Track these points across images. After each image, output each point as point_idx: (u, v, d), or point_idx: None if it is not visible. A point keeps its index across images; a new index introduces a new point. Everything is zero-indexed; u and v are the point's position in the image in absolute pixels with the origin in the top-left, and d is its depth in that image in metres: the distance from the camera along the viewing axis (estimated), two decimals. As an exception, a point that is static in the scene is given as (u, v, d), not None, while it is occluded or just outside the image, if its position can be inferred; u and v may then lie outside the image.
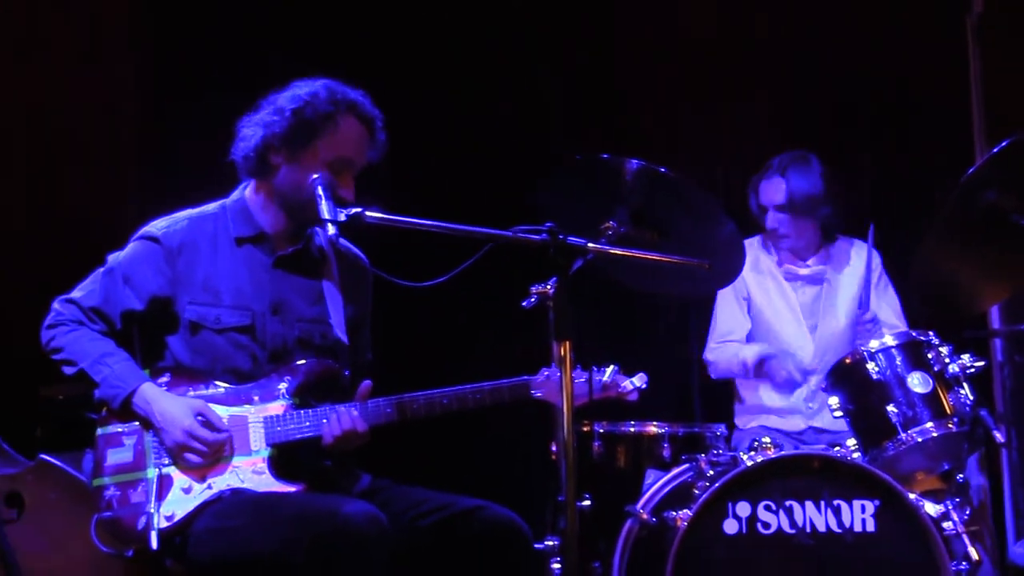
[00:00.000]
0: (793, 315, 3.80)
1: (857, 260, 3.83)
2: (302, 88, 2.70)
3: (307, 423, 2.65)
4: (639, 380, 2.81)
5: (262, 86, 2.81)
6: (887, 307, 3.80)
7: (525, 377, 2.71)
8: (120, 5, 4.24)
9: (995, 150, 2.97)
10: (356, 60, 4.27)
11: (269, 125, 2.69)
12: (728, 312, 3.87)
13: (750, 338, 3.87)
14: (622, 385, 2.79)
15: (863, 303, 3.77)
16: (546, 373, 2.70)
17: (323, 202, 2.56)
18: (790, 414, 3.75)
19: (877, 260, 3.85)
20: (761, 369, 3.72)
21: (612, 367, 2.78)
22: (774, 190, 3.75)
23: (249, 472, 2.62)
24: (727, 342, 3.87)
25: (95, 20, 4.23)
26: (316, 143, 2.67)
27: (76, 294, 2.76)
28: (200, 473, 2.62)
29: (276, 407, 2.67)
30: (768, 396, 3.78)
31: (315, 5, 4.37)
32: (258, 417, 2.65)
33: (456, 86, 4.45)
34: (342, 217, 2.47)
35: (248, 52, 4.20)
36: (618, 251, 2.67)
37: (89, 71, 4.20)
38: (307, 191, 2.64)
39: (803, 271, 3.82)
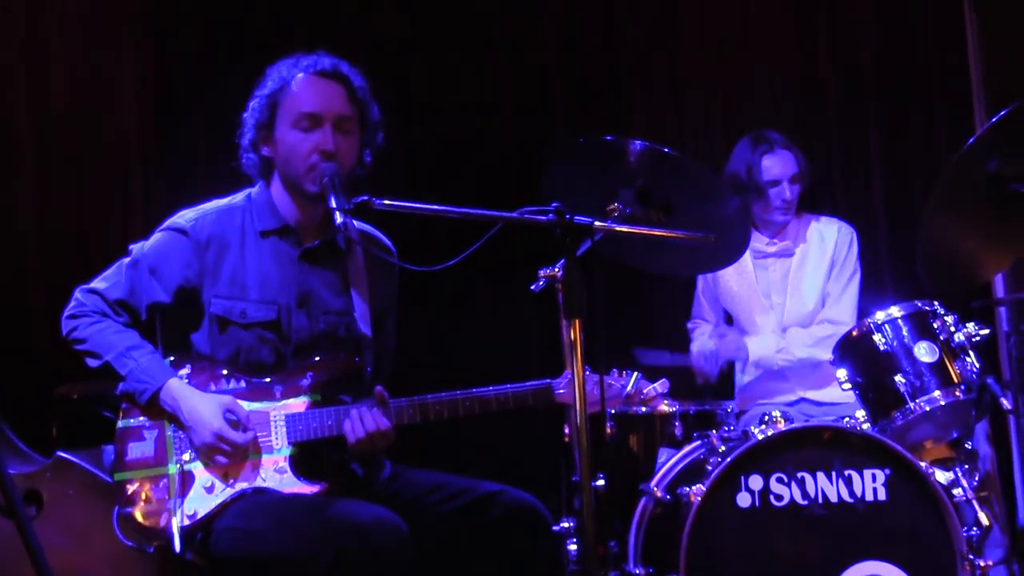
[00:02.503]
0: (757, 298, 3.83)
1: (827, 234, 3.84)
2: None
3: (329, 421, 2.65)
4: (661, 386, 2.80)
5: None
6: (838, 301, 3.79)
7: (548, 380, 2.71)
8: (122, 13, 4.25)
9: (995, 119, 2.99)
10: (357, 48, 4.28)
11: (247, 121, 2.74)
12: (703, 291, 3.97)
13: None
14: (645, 392, 2.78)
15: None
16: (568, 377, 2.69)
17: (331, 193, 2.58)
18: (778, 391, 3.78)
19: (849, 236, 3.84)
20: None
21: (636, 375, 2.77)
22: (785, 162, 3.78)
23: (271, 471, 2.63)
24: (701, 321, 3.97)
25: (98, 27, 4.22)
26: (278, 114, 2.70)
27: (99, 285, 2.75)
28: (223, 471, 2.64)
29: (298, 404, 2.67)
30: (754, 375, 3.83)
31: (321, 6, 4.37)
32: (280, 414, 2.66)
33: (459, 74, 4.46)
34: (348, 205, 2.49)
35: (250, 54, 4.20)
36: (624, 228, 2.68)
37: (92, 78, 4.21)
38: (296, 164, 2.67)
39: (771, 248, 3.85)
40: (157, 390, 2.64)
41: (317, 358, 2.71)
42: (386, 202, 2.45)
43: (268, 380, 2.70)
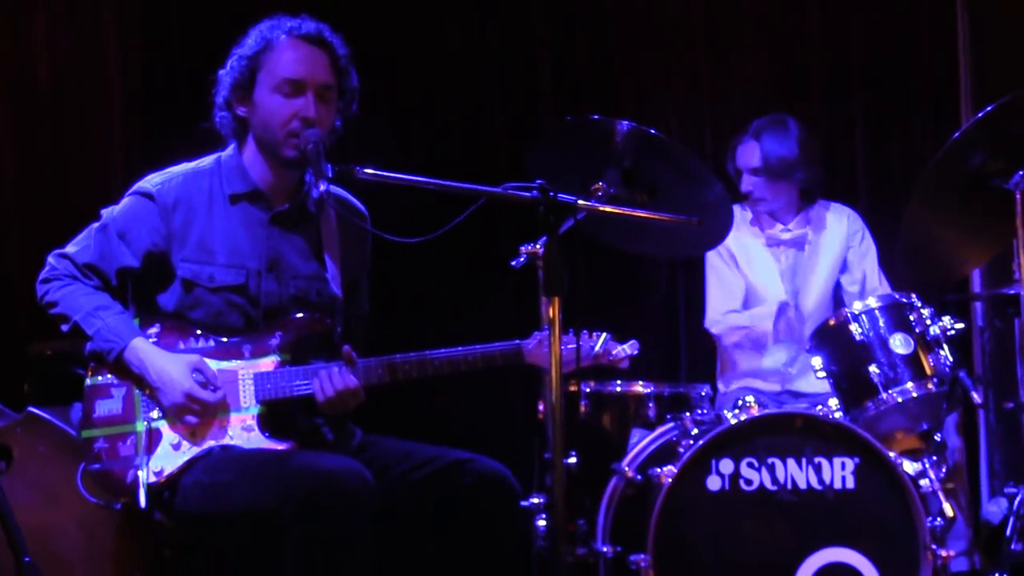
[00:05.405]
0: (774, 281, 3.82)
1: (836, 223, 3.85)
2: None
3: (298, 381, 2.65)
4: (630, 347, 2.81)
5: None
6: (868, 269, 3.84)
7: (517, 341, 2.71)
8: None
9: (980, 114, 3.00)
10: (344, 17, 4.25)
11: (224, 79, 2.72)
12: (723, 279, 3.88)
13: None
14: (614, 353, 2.79)
15: (844, 266, 3.81)
16: (538, 338, 2.69)
17: (315, 159, 2.57)
18: (770, 376, 3.79)
19: (858, 221, 3.88)
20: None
21: (604, 335, 2.78)
22: (749, 154, 3.77)
23: (239, 428, 2.63)
24: (728, 313, 3.87)
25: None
26: (259, 75, 2.68)
27: (70, 249, 2.74)
28: (190, 430, 2.63)
29: (267, 363, 2.67)
30: (748, 359, 3.82)
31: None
32: (248, 373, 2.65)
33: (449, 47, 4.44)
34: (329, 173, 2.48)
35: (234, 9, 4.16)
36: (607, 208, 2.68)
37: (73, 27, 4.15)
38: (274, 129, 2.66)
39: (784, 235, 3.84)
40: (122, 349, 2.63)
41: (289, 317, 2.71)
42: (369, 171, 2.45)
43: (237, 339, 2.69)
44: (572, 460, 2.96)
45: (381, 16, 4.33)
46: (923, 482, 3.01)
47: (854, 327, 3.17)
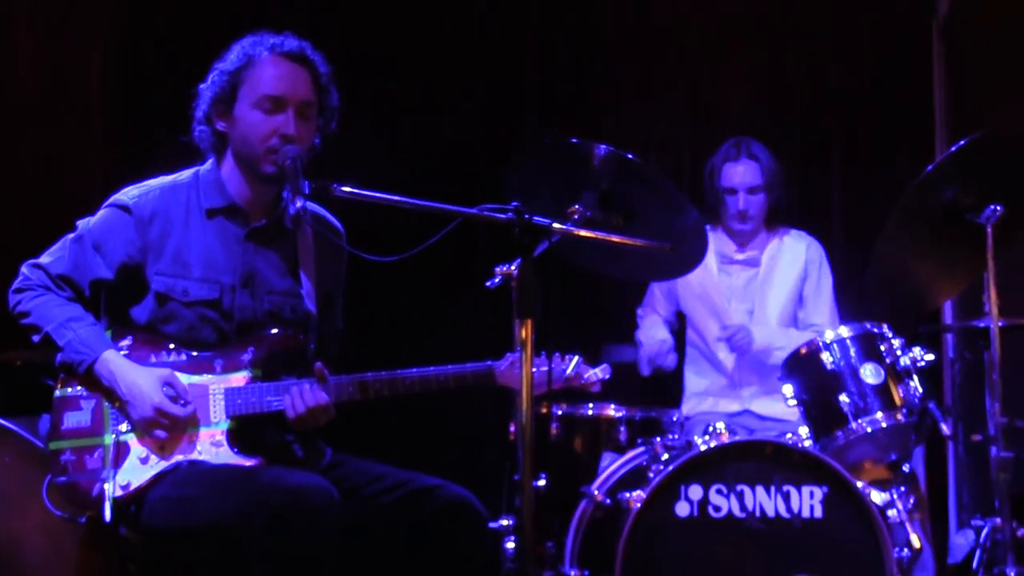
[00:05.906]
0: (722, 303, 3.81)
1: (795, 249, 3.84)
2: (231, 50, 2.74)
3: (269, 397, 2.63)
4: (602, 371, 2.81)
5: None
6: (820, 308, 3.81)
7: (489, 362, 2.71)
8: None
9: (954, 148, 3.04)
10: (326, 28, 4.27)
11: (204, 94, 2.72)
12: (657, 284, 3.94)
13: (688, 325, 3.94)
14: (585, 376, 2.79)
15: (800, 299, 3.81)
16: (510, 359, 2.69)
17: (292, 175, 2.57)
18: (726, 397, 3.78)
19: (817, 251, 3.86)
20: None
21: (576, 358, 2.78)
22: (746, 172, 3.76)
23: (207, 444, 2.61)
24: (652, 312, 3.93)
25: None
26: (240, 91, 2.68)
27: (44, 259, 2.73)
28: (159, 444, 2.61)
29: (238, 378, 2.66)
30: (706, 380, 3.82)
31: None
32: (219, 387, 2.64)
33: (432, 65, 4.46)
34: (306, 190, 2.49)
35: (217, 15, 4.17)
36: (581, 232, 2.69)
37: (55, 33, 4.15)
38: (254, 145, 2.66)
39: (738, 256, 3.84)
40: (93, 361, 2.62)
41: (261, 333, 2.70)
42: (346, 189, 2.45)
43: (209, 354, 2.68)
44: (542, 482, 2.97)
45: (369, 28, 4.35)
46: (891, 512, 3.03)
47: (825, 356, 3.19)
